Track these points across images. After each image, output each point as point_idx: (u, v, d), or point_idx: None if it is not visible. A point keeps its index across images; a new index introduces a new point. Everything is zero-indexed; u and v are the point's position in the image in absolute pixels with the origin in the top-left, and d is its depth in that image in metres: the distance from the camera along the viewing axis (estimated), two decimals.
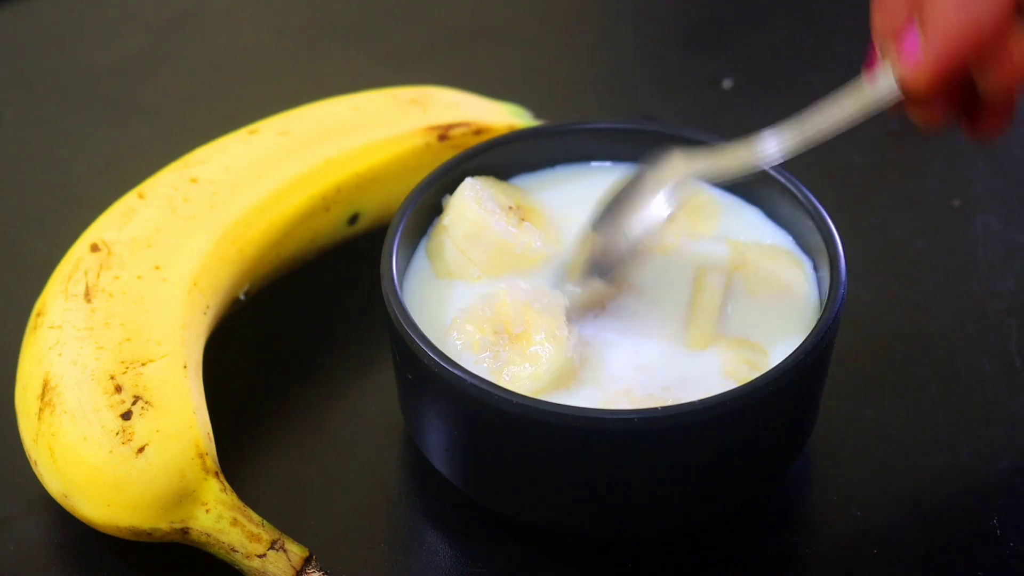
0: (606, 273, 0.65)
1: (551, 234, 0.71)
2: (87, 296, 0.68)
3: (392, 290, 0.65)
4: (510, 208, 0.70)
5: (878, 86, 0.55)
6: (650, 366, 0.65)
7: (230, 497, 0.65)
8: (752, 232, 0.72)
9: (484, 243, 0.69)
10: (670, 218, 0.63)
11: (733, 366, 0.65)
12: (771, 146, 0.61)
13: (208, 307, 0.71)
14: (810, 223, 0.69)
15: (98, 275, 0.69)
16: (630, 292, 0.69)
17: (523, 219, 0.70)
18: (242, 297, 0.75)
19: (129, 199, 0.74)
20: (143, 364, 0.66)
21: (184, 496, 0.64)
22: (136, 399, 0.65)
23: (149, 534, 0.65)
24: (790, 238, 0.71)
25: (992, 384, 0.75)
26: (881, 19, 0.55)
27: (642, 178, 0.64)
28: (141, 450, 0.64)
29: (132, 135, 0.93)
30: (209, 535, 0.65)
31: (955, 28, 0.51)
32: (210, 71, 1.00)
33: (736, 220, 0.72)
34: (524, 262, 0.70)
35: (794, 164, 0.73)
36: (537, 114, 0.85)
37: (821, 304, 0.67)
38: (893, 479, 0.70)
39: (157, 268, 0.70)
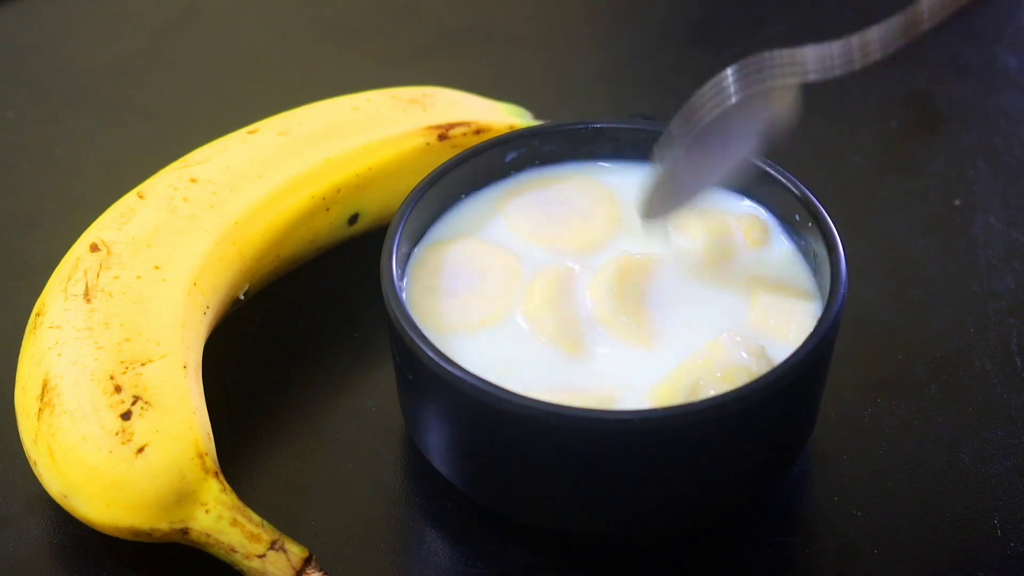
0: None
1: None
2: (87, 296, 0.68)
3: (392, 290, 0.65)
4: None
5: None
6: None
7: (230, 497, 0.65)
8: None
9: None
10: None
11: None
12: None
13: (208, 307, 0.71)
14: (810, 223, 0.68)
15: (98, 275, 0.69)
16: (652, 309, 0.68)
17: None
18: (242, 297, 0.75)
19: (129, 199, 0.74)
20: (143, 364, 0.66)
21: (184, 496, 0.64)
22: (136, 399, 0.65)
23: (149, 534, 0.65)
24: (790, 237, 0.71)
25: (992, 384, 0.75)
26: None
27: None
28: (141, 450, 0.64)
29: (132, 135, 0.93)
30: (209, 535, 0.64)
31: None
32: (210, 71, 1.00)
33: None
34: None
35: (794, 164, 0.73)
36: (537, 114, 0.85)
37: (821, 304, 0.67)
38: (893, 479, 0.70)
39: (157, 268, 0.70)
